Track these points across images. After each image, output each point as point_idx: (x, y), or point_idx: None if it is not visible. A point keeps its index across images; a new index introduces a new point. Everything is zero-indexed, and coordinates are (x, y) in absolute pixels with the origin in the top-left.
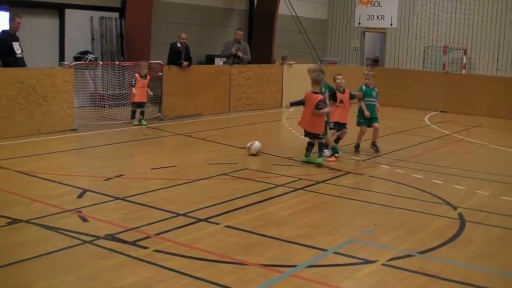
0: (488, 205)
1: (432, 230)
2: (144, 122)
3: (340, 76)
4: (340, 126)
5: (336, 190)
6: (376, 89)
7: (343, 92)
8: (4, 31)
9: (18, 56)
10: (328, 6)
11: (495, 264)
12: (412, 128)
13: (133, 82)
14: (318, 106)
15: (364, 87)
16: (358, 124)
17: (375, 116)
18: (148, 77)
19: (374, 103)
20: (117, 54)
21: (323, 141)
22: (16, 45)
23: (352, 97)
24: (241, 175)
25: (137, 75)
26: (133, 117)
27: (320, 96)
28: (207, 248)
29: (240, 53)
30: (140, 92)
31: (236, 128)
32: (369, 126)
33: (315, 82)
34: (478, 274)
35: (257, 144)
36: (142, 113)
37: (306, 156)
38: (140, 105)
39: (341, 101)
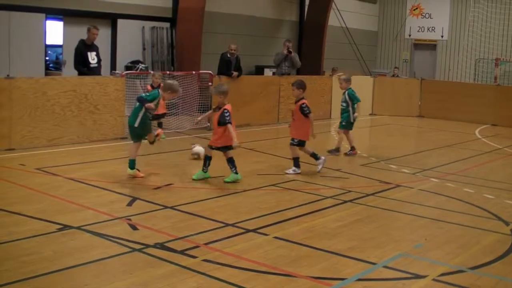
0: None
1: (483, 246)
2: (163, 136)
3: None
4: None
5: (386, 203)
6: (347, 93)
7: (295, 103)
8: (80, 41)
9: (92, 66)
10: (378, 17)
11: None
12: (462, 142)
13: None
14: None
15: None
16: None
17: (340, 120)
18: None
19: (342, 106)
20: (167, 63)
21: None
22: (91, 55)
23: (302, 111)
24: (290, 186)
25: (149, 87)
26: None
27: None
28: (256, 259)
29: (292, 52)
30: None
31: (285, 139)
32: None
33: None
34: None
35: (198, 148)
36: (160, 124)
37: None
38: (157, 117)
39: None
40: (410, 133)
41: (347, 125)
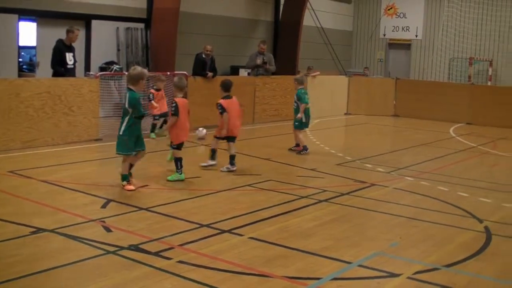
0: None
1: (458, 243)
2: (153, 135)
3: None
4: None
5: (361, 202)
6: (296, 93)
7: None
8: (58, 41)
9: (69, 67)
10: (353, 17)
11: None
12: (437, 140)
13: (151, 97)
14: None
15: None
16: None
17: (294, 120)
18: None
19: (294, 106)
20: (142, 64)
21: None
22: (69, 56)
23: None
24: (265, 186)
25: (153, 90)
26: (152, 130)
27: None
28: (231, 260)
29: (267, 65)
30: (160, 104)
31: (260, 139)
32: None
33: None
34: None
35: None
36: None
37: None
38: (163, 115)
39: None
40: (385, 133)
41: (299, 125)
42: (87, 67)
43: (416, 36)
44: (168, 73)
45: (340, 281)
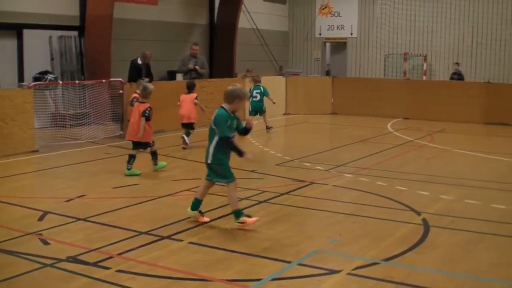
0: (452, 209)
1: (397, 237)
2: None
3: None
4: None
5: (301, 201)
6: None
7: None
8: None
9: None
10: (289, 18)
11: (461, 268)
12: (375, 136)
13: (133, 103)
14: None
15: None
16: None
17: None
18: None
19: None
20: (77, 73)
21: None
22: None
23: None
24: None
25: (134, 95)
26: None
27: (147, 105)
28: (171, 266)
29: (198, 68)
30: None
31: (199, 143)
32: None
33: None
34: (444, 279)
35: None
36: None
37: (128, 169)
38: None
39: None
40: (324, 131)
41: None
42: (21, 78)
43: (351, 34)
44: (104, 80)
45: (280, 281)
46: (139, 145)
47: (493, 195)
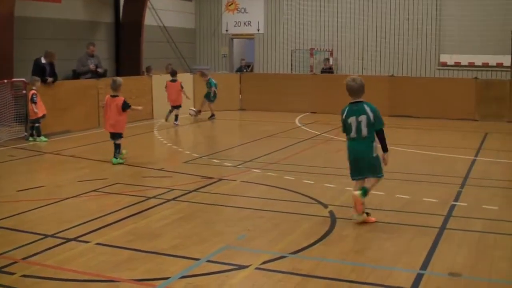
0: None
1: (304, 230)
2: (44, 138)
3: None
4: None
5: (209, 198)
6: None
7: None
8: None
9: None
10: (195, 14)
11: (366, 258)
12: (283, 131)
13: (34, 99)
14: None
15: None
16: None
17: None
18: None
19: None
20: None
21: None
22: None
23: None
24: (112, 190)
25: (32, 92)
26: (32, 134)
27: (122, 98)
28: (77, 268)
29: (100, 70)
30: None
31: (106, 143)
32: None
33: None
34: (351, 269)
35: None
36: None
37: (115, 157)
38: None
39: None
40: (232, 127)
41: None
42: None
43: (258, 30)
44: (6, 80)
45: (188, 278)
46: (116, 135)
47: (397, 185)
